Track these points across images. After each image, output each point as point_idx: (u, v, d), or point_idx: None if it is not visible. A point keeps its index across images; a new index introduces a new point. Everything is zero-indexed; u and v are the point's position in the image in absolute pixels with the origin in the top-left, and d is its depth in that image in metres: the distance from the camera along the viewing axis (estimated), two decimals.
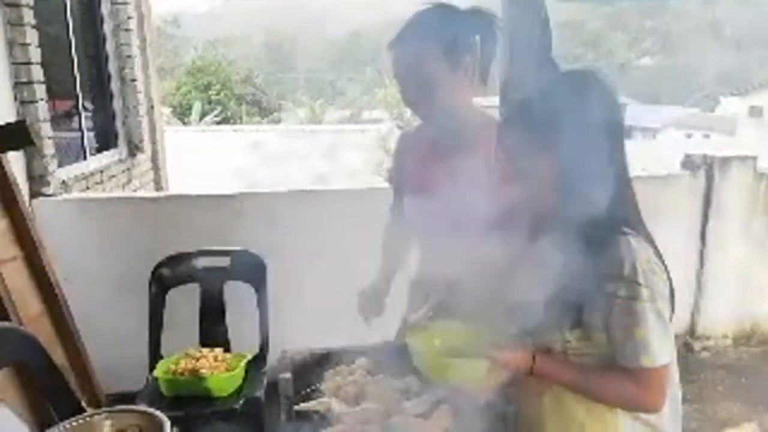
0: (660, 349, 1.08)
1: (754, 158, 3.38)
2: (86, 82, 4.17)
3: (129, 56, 4.57)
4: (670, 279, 1.13)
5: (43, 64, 3.06)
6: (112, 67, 4.52)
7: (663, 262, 1.13)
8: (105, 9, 4.44)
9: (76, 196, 3.26)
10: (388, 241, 1.90)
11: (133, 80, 4.62)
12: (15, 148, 2.50)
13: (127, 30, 4.54)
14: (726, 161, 3.31)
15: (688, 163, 3.36)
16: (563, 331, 1.14)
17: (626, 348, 1.09)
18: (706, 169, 3.32)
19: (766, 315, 3.62)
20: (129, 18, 4.57)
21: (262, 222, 3.07)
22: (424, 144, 1.69)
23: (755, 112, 25.93)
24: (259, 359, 2.39)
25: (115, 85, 4.54)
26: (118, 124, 4.59)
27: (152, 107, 5.07)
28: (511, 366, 1.14)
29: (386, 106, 20.09)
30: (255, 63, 40.06)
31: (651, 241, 1.15)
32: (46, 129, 3.04)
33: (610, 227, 1.11)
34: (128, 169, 4.56)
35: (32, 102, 2.94)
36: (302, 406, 1.32)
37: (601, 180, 1.12)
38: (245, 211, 3.11)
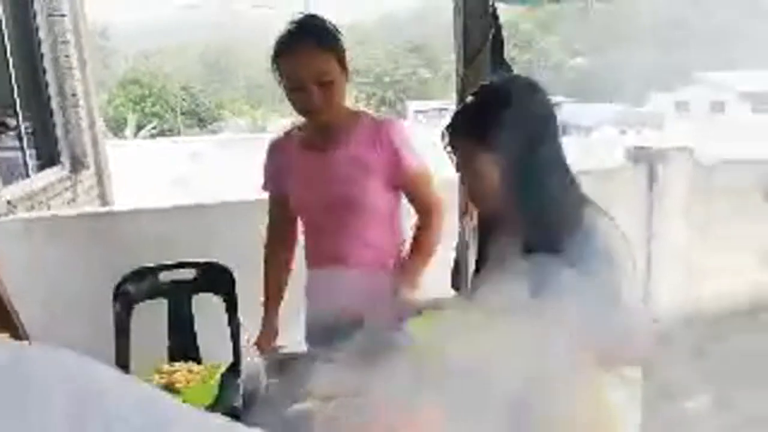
0: (640, 309, 1.17)
1: (691, 149, 3.61)
2: (25, 97, 4.02)
3: (69, 68, 4.44)
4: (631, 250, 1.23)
5: None
6: (51, 81, 4.37)
7: (623, 234, 1.23)
8: (41, 21, 4.29)
9: (23, 216, 3.14)
10: (270, 267, 2.05)
11: (74, 94, 4.48)
12: None
13: (65, 42, 4.41)
14: (666, 152, 3.53)
15: (631, 155, 3.56)
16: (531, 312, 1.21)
17: (607, 313, 1.16)
18: (648, 161, 3.53)
19: (708, 296, 3.85)
20: (66, 30, 4.43)
21: (224, 232, 3.04)
22: (301, 142, 1.84)
23: (681, 107, 27.43)
24: (234, 369, 2.36)
25: (55, 100, 4.39)
26: (60, 139, 4.44)
27: (93, 121, 4.93)
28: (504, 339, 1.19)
29: None
30: (191, 74, 39.24)
31: (610, 217, 1.24)
32: None
33: (570, 208, 1.20)
34: (73, 185, 4.42)
35: None
36: (294, 408, 1.34)
37: (544, 174, 1.23)
38: (204, 222, 3.08)
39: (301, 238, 2.02)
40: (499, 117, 1.21)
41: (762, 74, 28.71)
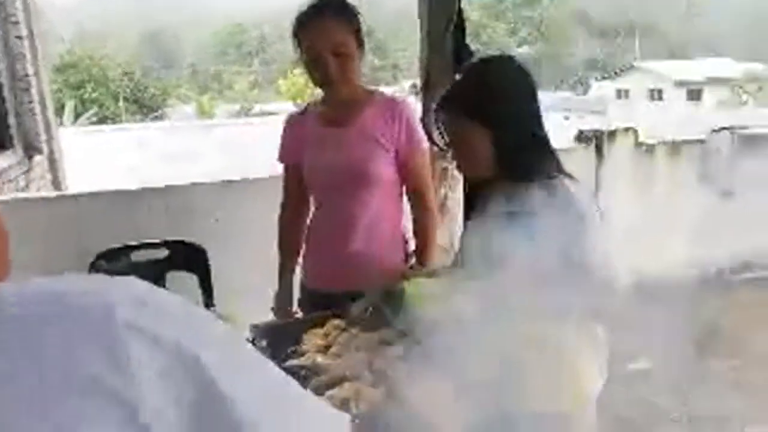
0: (609, 262, 1.32)
1: (635, 130, 3.87)
2: None
3: (20, 52, 4.31)
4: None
5: None
6: (1, 62, 4.24)
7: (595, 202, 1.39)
8: None
9: None
10: (284, 231, 2.09)
11: (26, 76, 4.35)
12: None
13: (15, 23, 4.27)
14: (613, 133, 3.77)
15: (581, 137, 3.79)
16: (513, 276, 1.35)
17: (583, 265, 1.30)
18: (597, 142, 3.76)
19: (652, 269, 4.12)
20: (16, 10, 4.30)
21: (188, 214, 3.07)
22: (317, 116, 1.91)
23: (622, 93, 28.45)
24: None
25: (6, 83, 4.26)
26: (12, 124, 4.31)
27: (45, 105, 4.80)
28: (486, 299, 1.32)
29: (290, 96, 19.94)
30: (132, 58, 37.88)
31: (584, 186, 1.40)
32: None
33: (549, 178, 1.34)
34: (26, 171, 4.31)
35: None
36: (288, 363, 1.43)
37: (529, 143, 1.37)
38: (167, 204, 3.09)
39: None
40: (489, 92, 1.34)
41: (695, 63, 30.12)
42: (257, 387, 0.54)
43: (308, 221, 2.04)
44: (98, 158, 11.04)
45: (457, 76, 1.44)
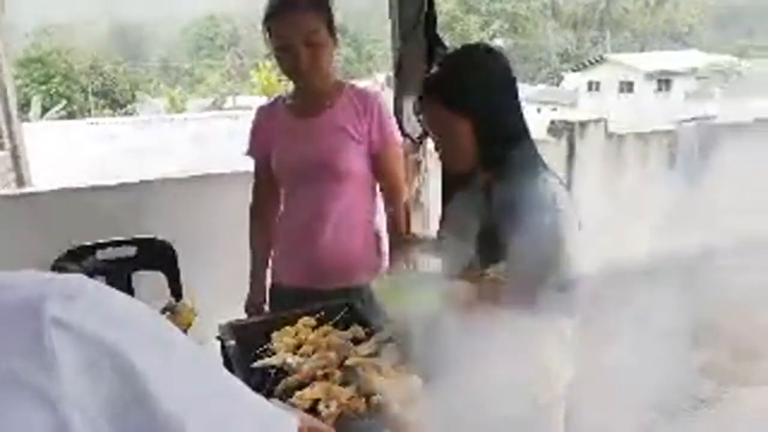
0: (582, 262, 1.31)
1: (605, 121, 3.90)
2: None
3: None
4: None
5: None
6: None
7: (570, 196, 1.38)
8: None
9: None
10: (255, 226, 2.05)
11: None
12: None
13: None
14: (584, 125, 3.80)
15: (553, 129, 3.80)
16: (489, 266, 1.34)
17: (557, 263, 1.29)
18: (568, 134, 3.78)
19: (623, 258, 4.18)
20: None
21: (157, 210, 3.00)
22: (287, 108, 1.88)
23: (593, 85, 28.79)
24: None
25: None
26: None
27: (6, 99, 4.65)
28: (458, 294, 1.31)
29: (263, 88, 19.72)
30: (100, 52, 37.01)
31: (557, 176, 1.39)
32: None
33: (527, 169, 1.33)
34: None
35: None
36: (258, 363, 1.40)
37: (510, 133, 1.36)
38: (137, 200, 3.02)
39: None
40: (468, 81, 1.31)
41: (664, 55, 30.61)
42: (189, 386, 0.53)
43: (278, 216, 2.00)
44: (66, 153, 10.82)
45: (437, 66, 1.41)
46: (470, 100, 1.32)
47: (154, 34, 47.23)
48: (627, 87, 29.19)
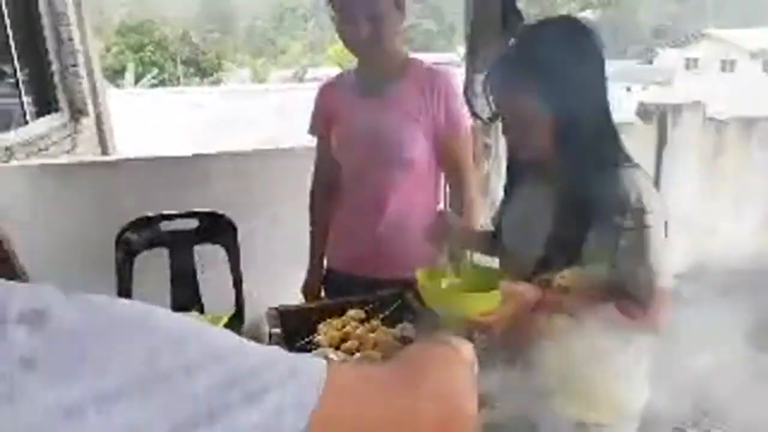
0: (667, 272, 1.14)
1: (703, 105, 3.53)
2: (21, 43, 3.90)
3: (63, 13, 4.30)
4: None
5: None
6: (46, 26, 4.24)
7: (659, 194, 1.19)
8: None
9: (22, 164, 3.09)
10: (315, 208, 1.96)
11: (70, 39, 4.36)
12: None
13: None
14: (678, 108, 3.45)
15: (642, 111, 3.48)
16: (561, 267, 1.18)
17: (638, 274, 1.13)
18: (659, 117, 3.46)
19: (715, 252, 3.83)
20: None
21: (226, 182, 3.00)
22: (351, 86, 1.77)
23: (691, 63, 26.93)
24: (236, 319, 2.37)
25: (51, 46, 4.27)
26: (58, 86, 4.34)
27: (91, 68, 4.82)
28: (523, 297, 1.16)
29: (338, 62, 19.80)
30: (191, 21, 38.31)
31: (644, 171, 1.20)
32: None
33: (608, 162, 1.16)
34: (73, 133, 4.35)
35: None
36: None
37: (591, 119, 1.18)
38: (207, 172, 3.03)
39: None
40: (547, 57, 1.14)
41: None
42: None
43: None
44: (154, 121, 11.26)
45: (512, 39, 1.23)
46: (548, 80, 1.14)
47: (243, 3, 48.29)
48: (729, 66, 27.12)
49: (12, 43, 3.71)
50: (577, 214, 1.14)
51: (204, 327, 0.50)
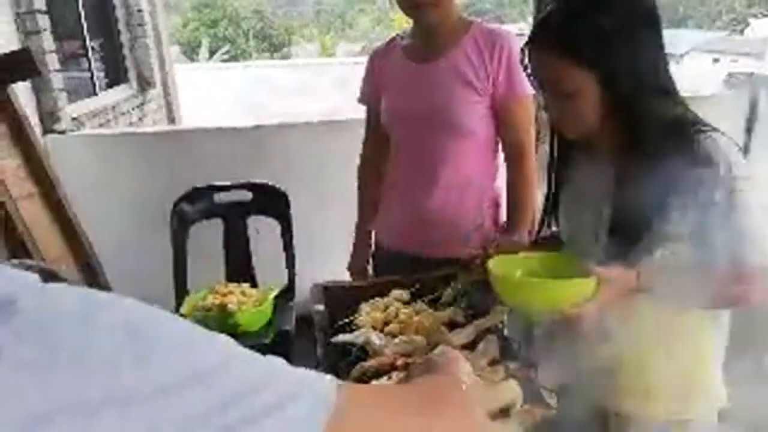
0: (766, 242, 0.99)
1: None
2: (91, 15, 3.99)
3: None
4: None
5: None
6: None
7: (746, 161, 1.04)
8: None
9: (89, 132, 3.17)
10: (363, 181, 1.87)
11: (140, 11, 4.43)
12: (20, 78, 2.39)
13: None
14: None
15: (731, 82, 3.18)
16: (648, 247, 1.04)
17: (734, 247, 0.98)
18: (750, 89, 3.14)
19: None
20: None
21: (282, 154, 2.96)
22: (403, 51, 1.66)
23: None
24: (287, 293, 2.34)
25: (121, 18, 4.36)
26: (127, 58, 4.44)
27: (160, 40, 4.89)
28: (618, 283, 1.02)
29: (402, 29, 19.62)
30: None
31: (731, 140, 1.04)
32: (52, 60, 2.92)
33: (685, 128, 1.01)
34: (140, 104, 4.45)
35: (36, 33, 2.80)
36: (339, 338, 1.25)
37: (652, 91, 1.04)
38: (264, 143, 3.01)
39: None
40: (594, 22, 1.00)
41: None
42: None
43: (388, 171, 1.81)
44: (223, 93, 11.51)
45: (554, 3, 1.08)
46: (596, 48, 1.00)
47: None
48: None
49: (82, 13, 3.80)
50: (656, 189, 0.98)
51: (198, 337, 0.43)
